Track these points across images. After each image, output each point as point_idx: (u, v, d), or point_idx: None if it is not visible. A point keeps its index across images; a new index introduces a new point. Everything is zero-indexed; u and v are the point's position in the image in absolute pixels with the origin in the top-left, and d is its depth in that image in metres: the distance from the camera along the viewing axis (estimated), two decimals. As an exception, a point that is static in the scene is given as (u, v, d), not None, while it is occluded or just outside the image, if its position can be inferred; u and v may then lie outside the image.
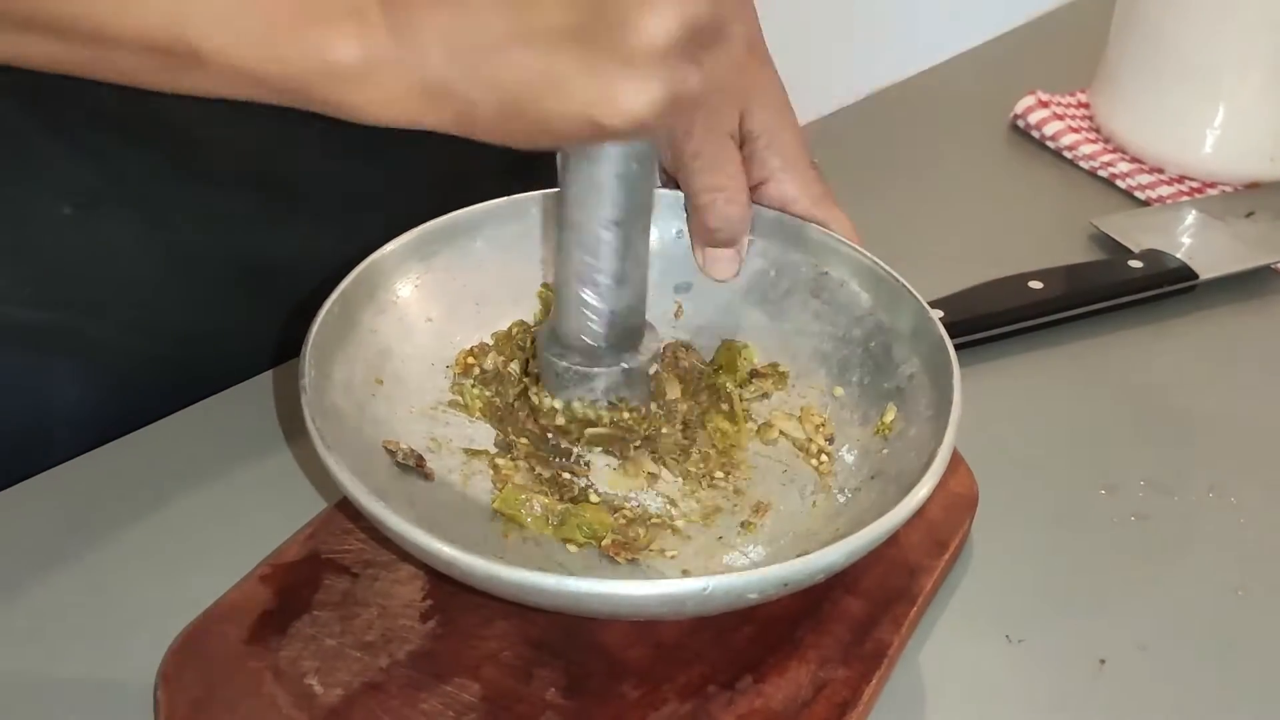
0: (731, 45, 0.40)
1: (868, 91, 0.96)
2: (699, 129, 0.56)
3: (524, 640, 0.46)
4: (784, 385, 0.56)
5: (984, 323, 0.66)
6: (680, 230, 0.58)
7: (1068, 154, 0.87)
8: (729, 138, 0.56)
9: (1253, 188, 0.83)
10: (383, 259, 0.53)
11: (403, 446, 0.50)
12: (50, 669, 0.47)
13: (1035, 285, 0.68)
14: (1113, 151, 0.86)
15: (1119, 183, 0.84)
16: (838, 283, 0.56)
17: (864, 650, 0.46)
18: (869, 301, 0.55)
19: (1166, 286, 0.70)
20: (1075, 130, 0.88)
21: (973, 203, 0.83)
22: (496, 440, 0.53)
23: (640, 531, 0.49)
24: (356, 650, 0.45)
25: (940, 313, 0.59)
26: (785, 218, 0.57)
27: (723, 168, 0.55)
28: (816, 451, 0.53)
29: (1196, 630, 0.51)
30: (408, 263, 0.54)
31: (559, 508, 0.49)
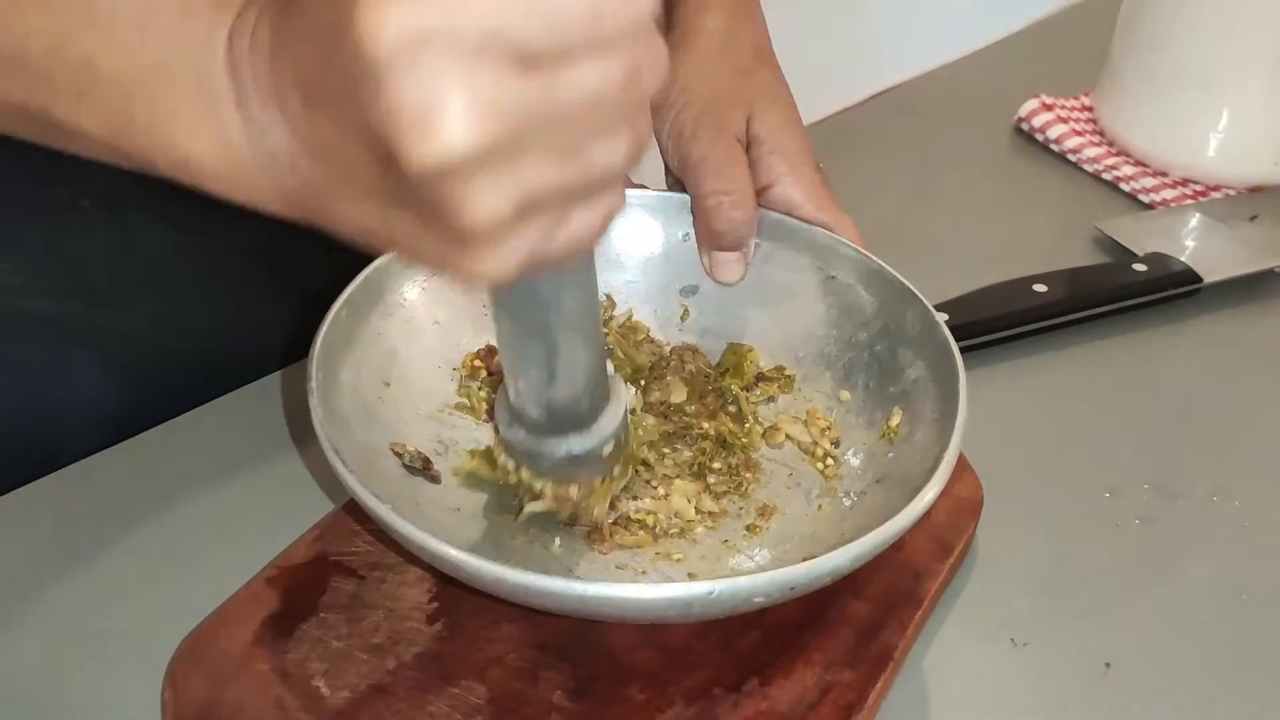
0: (604, 173, 0.31)
1: (871, 94, 0.96)
2: (705, 132, 0.56)
3: (531, 643, 0.46)
4: (790, 389, 0.56)
5: (988, 326, 0.66)
6: (687, 234, 0.58)
7: (1072, 157, 0.87)
8: (735, 141, 0.56)
9: (1257, 191, 0.83)
10: (390, 261, 0.53)
11: (410, 449, 0.50)
12: (58, 669, 0.47)
13: (1039, 288, 0.68)
14: (1117, 155, 0.86)
15: (1123, 186, 0.84)
16: (843, 286, 0.56)
17: (869, 653, 0.46)
18: (874, 305, 0.55)
19: (1170, 290, 0.71)
20: (1079, 133, 0.88)
21: (977, 206, 0.83)
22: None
23: (639, 533, 0.49)
24: (363, 652, 0.46)
25: (945, 316, 0.59)
26: (791, 221, 0.57)
27: (728, 171, 0.55)
28: (822, 455, 0.53)
29: (1200, 634, 0.51)
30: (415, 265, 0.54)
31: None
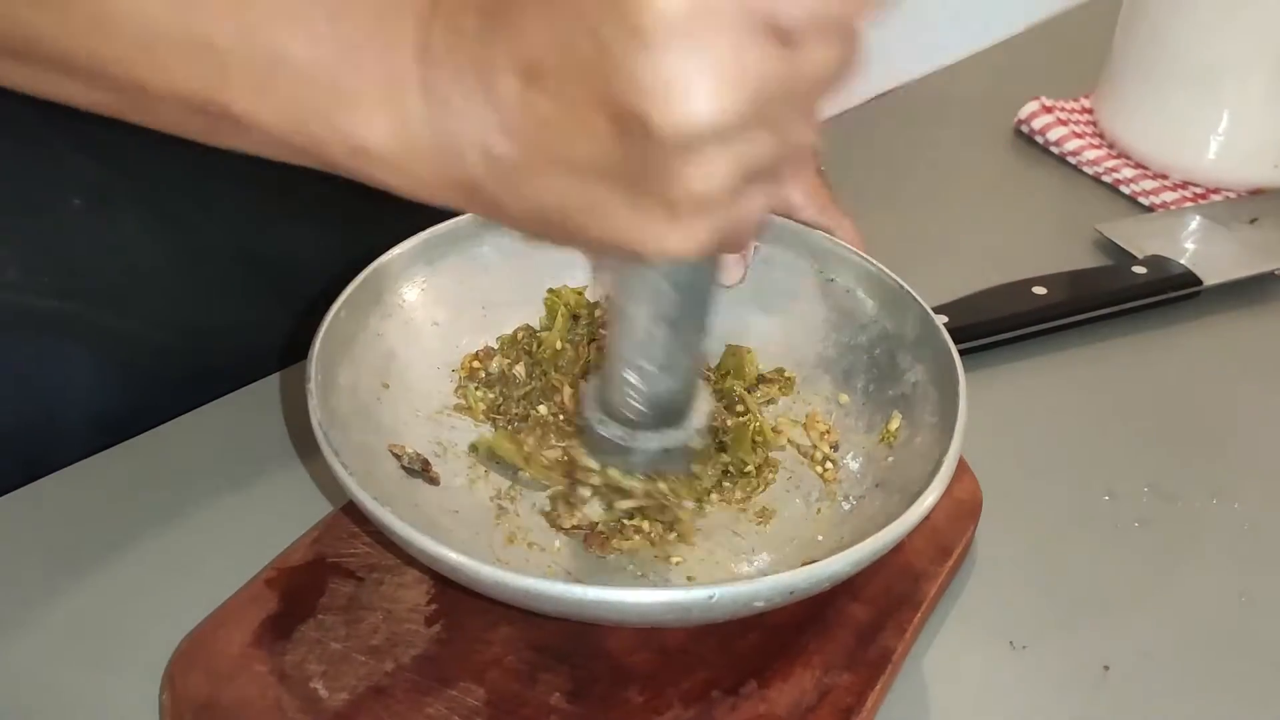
0: (798, 154, 0.35)
1: (871, 96, 0.96)
2: None
3: (529, 645, 0.46)
4: (791, 391, 0.56)
5: (987, 328, 0.66)
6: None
7: (1072, 159, 0.87)
8: None
9: (1257, 194, 0.83)
10: (389, 263, 0.53)
11: (408, 450, 0.50)
12: (56, 670, 0.47)
13: (1039, 291, 0.68)
14: (1117, 157, 0.86)
15: (1123, 188, 0.84)
16: (843, 289, 0.56)
17: (868, 656, 0.46)
18: (874, 308, 0.55)
19: (1170, 292, 0.71)
20: (1079, 135, 0.88)
21: (977, 208, 0.83)
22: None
23: (638, 532, 0.49)
24: (362, 654, 0.45)
25: (944, 318, 0.59)
26: (791, 224, 0.57)
27: None
28: (821, 459, 0.53)
29: (1200, 636, 0.51)
30: (414, 266, 0.54)
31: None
